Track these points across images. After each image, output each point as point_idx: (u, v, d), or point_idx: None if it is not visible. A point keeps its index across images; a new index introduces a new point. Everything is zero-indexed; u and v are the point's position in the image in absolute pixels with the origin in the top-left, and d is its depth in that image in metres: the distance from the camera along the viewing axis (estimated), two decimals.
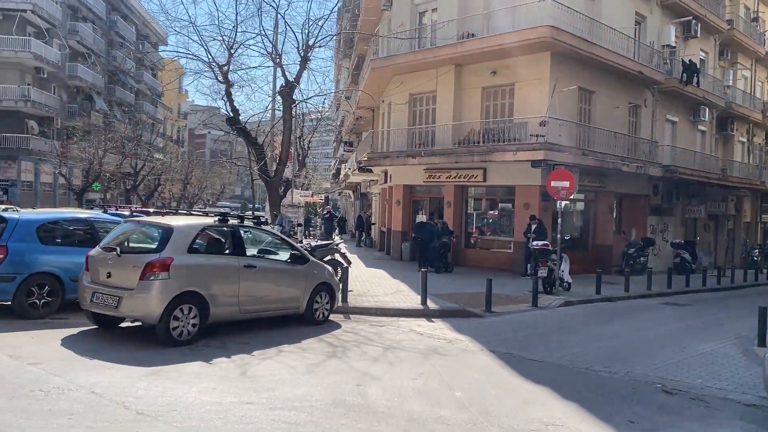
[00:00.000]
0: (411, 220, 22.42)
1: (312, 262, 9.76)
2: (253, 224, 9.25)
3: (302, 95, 17.85)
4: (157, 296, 7.62)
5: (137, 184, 43.86)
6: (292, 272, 9.39)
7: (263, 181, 16.69)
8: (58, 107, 45.23)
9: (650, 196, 24.09)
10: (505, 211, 20.76)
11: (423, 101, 21.67)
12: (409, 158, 20.27)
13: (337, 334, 9.22)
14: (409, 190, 22.45)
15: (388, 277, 16.16)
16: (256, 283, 8.76)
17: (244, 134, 16.53)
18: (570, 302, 13.74)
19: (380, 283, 14.76)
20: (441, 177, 20.62)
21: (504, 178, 19.32)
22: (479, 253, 20.59)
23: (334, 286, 10.12)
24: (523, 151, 17.54)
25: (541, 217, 18.35)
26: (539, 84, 18.73)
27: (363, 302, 11.69)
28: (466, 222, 21.22)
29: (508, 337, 9.75)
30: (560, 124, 18.19)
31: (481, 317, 11.48)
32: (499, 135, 18.91)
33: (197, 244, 8.35)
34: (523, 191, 18.84)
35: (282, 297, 9.22)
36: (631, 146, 21.76)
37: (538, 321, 11.50)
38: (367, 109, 29.61)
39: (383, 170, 24.40)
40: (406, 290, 13.75)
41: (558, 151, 17.61)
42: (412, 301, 12.14)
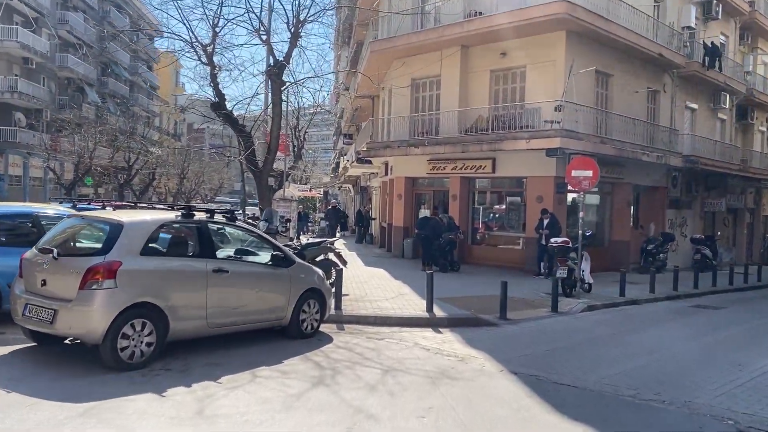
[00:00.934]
0: (414, 215, 20.90)
1: (298, 265, 8.26)
2: (226, 220, 7.72)
3: (294, 77, 16.25)
4: (101, 309, 6.12)
5: (130, 178, 42.45)
6: (273, 277, 7.89)
7: (251, 173, 15.18)
8: (48, 99, 43.72)
9: (669, 188, 22.53)
10: (514, 204, 19.24)
11: (426, 86, 20.11)
12: (412, 148, 18.74)
13: (328, 350, 7.72)
14: (411, 182, 20.92)
15: (389, 278, 14.65)
16: (229, 290, 7.26)
17: (230, 121, 14.99)
18: (593, 306, 12.23)
19: (380, 285, 13.25)
20: (446, 168, 19.08)
21: (515, 169, 17.77)
22: (487, 251, 19.07)
23: (325, 292, 8.62)
24: (537, 138, 15.99)
25: (555, 211, 16.83)
26: (553, 66, 17.17)
27: (360, 309, 10.18)
28: (473, 217, 19.69)
29: (530, 352, 8.24)
30: (577, 110, 16.64)
31: (495, 326, 9.98)
32: (509, 122, 17.36)
33: (154, 245, 6.84)
34: (536, 183, 17.30)
35: (261, 307, 7.72)
36: (649, 134, 20.19)
37: (562, 330, 9.99)
38: (366, 98, 28.04)
39: (383, 162, 22.87)
40: (408, 293, 12.24)
41: (575, 139, 16.08)
42: (416, 307, 10.63)
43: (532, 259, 17.16)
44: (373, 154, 20.16)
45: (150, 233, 6.69)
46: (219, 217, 7.64)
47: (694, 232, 24.58)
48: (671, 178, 22.54)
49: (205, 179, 57.07)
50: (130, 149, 41.33)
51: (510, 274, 16.76)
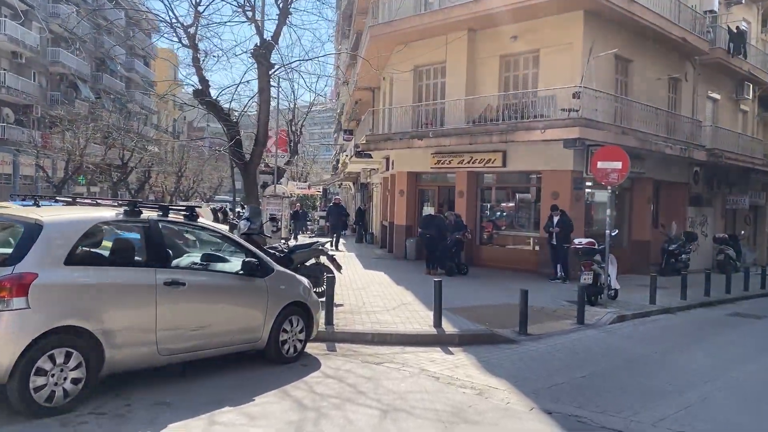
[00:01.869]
0: (417, 213, 19.39)
1: (278, 274, 6.74)
2: (184, 218, 6.20)
3: (284, 60, 14.72)
4: (6, 338, 4.63)
5: (123, 176, 41.08)
6: (245, 289, 6.38)
7: (237, 166, 13.71)
8: (38, 94, 42.31)
9: (690, 183, 20.98)
10: (524, 202, 17.72)
11: (430, 74, 18.59)
12: (415, 140, 17.21)
13: (313, 380, 6.21)
14: (414, 178, 19.40)
15: (390, 283, 13.14)
16: (187, 307, 5.77)
17: (214, 109, 13.49)
18: (623, 317, 10.71)
19: (379, 292, 11.73)
20: (452, 162, 17.55)
21: (528, 163, 16.24)
22: (497, 252, 17.54)
23: (312, 306, 7.11)
24: (554, 128, 14.46)
25: (573, 208, 15.33)
26: (569, 49, 15.64)
27: (355, 323, 8.66)
28: (481, 215, 18.16)
29: (562, 380, 6.72)
30: (597, 97, 15.12)
31: (515, 343, 8.46)
32: (521, 111, 15.82)
33: (84, 251, 5.35)
34: (551, 177, 15.77)
35: (230, 327, 6.21)
36: (671, 126, 18.64)
37: (594, 348, 8.46)
38: (366, 90, 26.50)
39: (384, 156, 21.35)
40: (412, 302, 10.71)
41: (595, 129, 14.56)
42: (422, 320, 9.11)
43: (545, 261, 15.66)
44: (373, 147, 18.64)
45: (79, 236, 5.18)
46: (174, 216, 6.11)
47: (716, 231, 23.04)
48: (693, 173, 21.00)
49: (203, 177, 55.71)
50: (124, 146, 40.03)
51: (523, 278, 15.31)
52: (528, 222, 17.59)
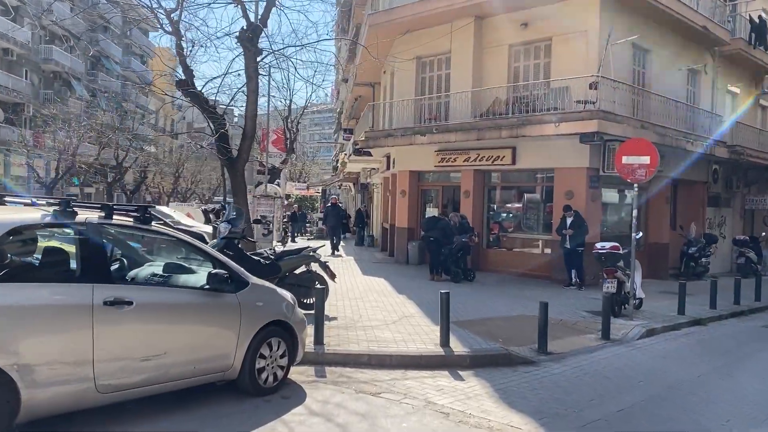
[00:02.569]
0: (419, 215, 18.24)
1: (254, 288, 5.59)
2: (134, 221, 5.02)
3: (273, 47, 13.58)
4: None
5: (117, 177, 40.05)
6: (213, 308, 5.22)
7: (223, 163, 12.59)
8: (30, 93, 41.30)
9: (709, 182, 19.79)
10: (533, 202, 16.55)
11: (434, 65, 17.43)
12: (417, 136, 16.05)
13: (294, 420, 5.05)
14: (416, 177, 18.24)
15: (391, 292, 11.97)
16: (135, 332, 4.62)
17: (198, 101, 12.35)
18: (653, 330, 9.53)
19: (379, 303, 10.56)
20: (457, 160, 16.39)
21: (539, 160, 15.07)
22: (506, 256, 16.36)
23: (296, 326, 5.95)
24: (569, 121, 13.30)
25: (589, 209, 14.18)
26: (584, 37, 14.48)
27: (350, 341, 7.49)
28: (489, 216, 16.99)
29: (596, 416, 5.55)
30: (615, 87, 13.96)
31: (534, 365, 7.29)
32: (532, 104, 14.66)
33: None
34: (566, 175, 14.59)
35: (193, 355, 5.04)
36: (690, 120, 17.46)
37: (627, 372, 7.28)
38: (366, 86, 25.32)
39: (385, 155, 20.20)
40: (415, 314, 9.55)
41: (613, 122, 13.40)
42: (427, 337, 7.94)
43: (558, 266, 14.49)
44: (373, 144, 17.48)
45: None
46: (120, 219, 4.94)
47: (734, 233, 21.87)
48: (711, 171, 19.81)
49: (202, 178, 54.67)
50: (119, 146, 39.04)
51: (534, 284, 14.16)
52: (537, 224, 16.43)
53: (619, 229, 17.16)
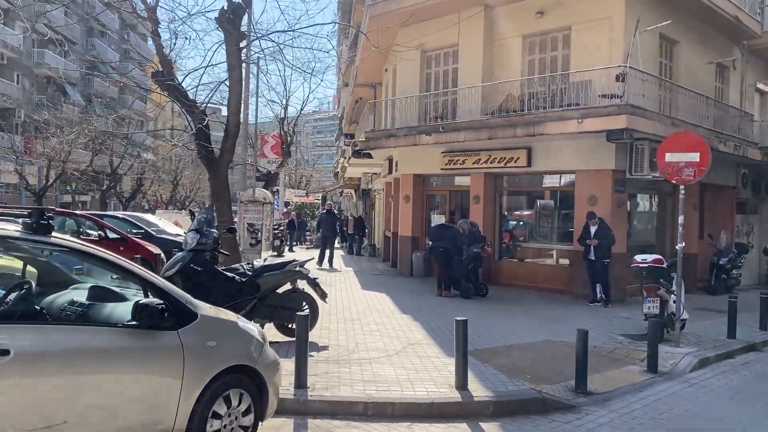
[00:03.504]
0: (425, 222, 16.75)
1: (204, 323, 4.07)
2: (24, 230, 3.53)
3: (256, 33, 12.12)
4: None
5: (112, 184, 38.80)
6: (139, 353, 3.71)
7: (202, 162, 11.16)
8: (21, 98, 40.04)
9: (738, 187, 18.26)
10: (546, 209, 15.07)
11: (440, 60, 15.99)
12: (422, 136, 14.57)
13: None
14: (421, 181, 16.76)
15: (393, 310, 10.45)
16: (13, 394, 3.13)
17: (175, 94, 10.93)
18: (706, 360, 7.99)
19: (379, 325, 9.04)
20: (466, 162, 14.91)
21: (558, 161, 13.58)
22: (520, 268, 14.82)
23: (265, 371, 4.42)
24: (594, 117, 11.80)
25: (614, 215, 12.68)
26: (608, 25, 13.03)
27: (341, 383, 5.96)
28: (501, 224, 15.49)
29: None
30: (644, 80, 12.48)
31: (574, 411, 5.78)
32: (550, 99, 13.17)
33: None
34: (588, 179, 13.09)
35: (108, 424, 3.54)
36: (720, 119, 15.97)
37: (692, 420, 5.76)
38: (367, 87, 23.89)
39: (387, 157, 18.75)
40: (423, 341, 8.03)
41: (644, 118, 11.91)
42: (438, 374, 6.41)
43: (580, 280, 12.97)
44: (374, 145, 16.00)
45: None
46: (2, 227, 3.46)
47: (762, 242, 20.31)
48: (741, 175, 18.28)
49: (201, 186, 53.40)
50: (113, 152, 37.81)
51: (554, 300, 12.65)
52: (551, 232, 14.94)
53: (643, 238, 15.68)
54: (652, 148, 12.64)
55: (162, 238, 15.27)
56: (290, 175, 45.98)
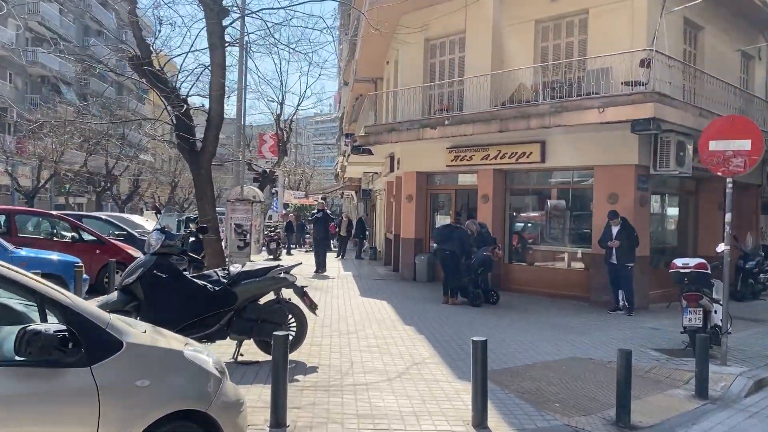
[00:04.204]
0: (429, 223, 15.64)
1: (128, 354, 2.94)
2: None
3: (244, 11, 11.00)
4: None
5: (107, 186, 37.80)
6: (28, 403, 2.60)
7: (183, 156, 10.09)
8: (13, 96, 38.98)
9: (764, 186, 17.10)
10: (558, 209, 13.95)
11: (445, 48, 14.89)
12: (426, 130, 13.46)
13: None
14: (425, 179, 15.64)
15: (395, 321, 9.31)
16: None
17: (152, 80, 9.84)
18: (762, 381, 6.84)
19: (379, 339, 7.90)
20: (474, 158, 13.81)
21: (575, 156, 12.45)
22: (532, 272, 13.69)
23: (221, 416, 3.29)
24: (617, 106, 10.68)
25: (636, 215, 11.58)
26: (628, 7, 11.94)
27: (330, 418, 4.80)
28: (511, 225, 14.37)
29: None
30: (670, 66, 11.37)
31: None
32: (567, 89, 12.05)
33: None
34: (608, 175, 11.96)
35: None
36: (743, 110, 14.81)
37: None
38: (367, 82, 22.80)
39: (388, 155, 17.63)
40: (429, 360, 6.88)
41: (671, 107, 10.79)
42: (450, 404, 5.26)
43: (601, 286, 11.85)
44: (374, 140, 14.89)
45: None
46: None
47: None
48: (765, 172, 17.12)
49: None
50: (108, 153, 36.85)
51: (571, 308, 11.51)
52: (563, 233, 13.82)
53: (663, 240, 14.58)
54: (678, 141, 11.55)
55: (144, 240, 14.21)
56: (290, 177, 44.91)
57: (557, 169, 13.11)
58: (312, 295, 6.81)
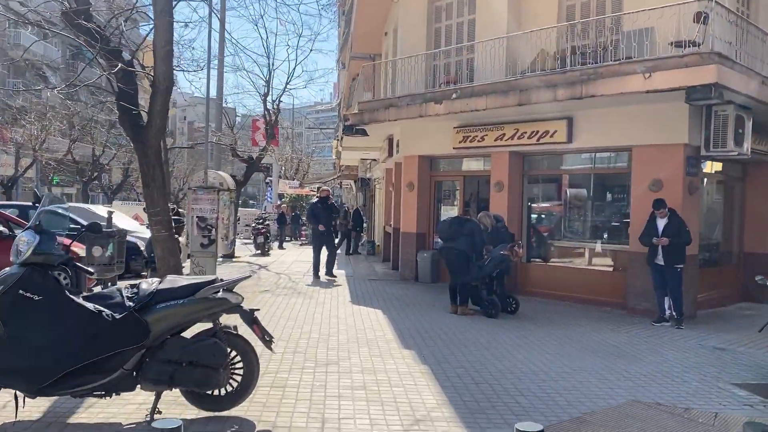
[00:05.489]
0: (433, 215, 13.62)
1: None
2: None
3: None
4: None
5: (94, 175, 35.94)
6: None
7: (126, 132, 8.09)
8: None
9: None
10: (579, 199, 11.94)
11: (453, 10, 12.77)
12: (431, 104, 11.38)
13: None
14: (428, 164, 13.59)
15: (391, 343, 7.26)
16: None
17: (90, 36, 7.78)
18: None
19: (368, 373, 5.87)
20: (486, 138, 11.75)
21: (608, 134, 10.37)
22: (553, 273, 11.63)
23: None
24: (667, 70, 8.60)
25: (684, 205, 9.55)
26: None
27: None
28: (530, 218, 12.33)
29: None
30: (731, 22, 9.27)
31: None
32: (600, 54, 9.96)
33: None
34: (650, 157, 9.89)
35: None
36: None
37: None
38: (364, 59, 20.67)
39: (387, 137, 15.58)
40: (437, 414, 4.80)
41: (734, 71, 8.70)
42: None
43: (641, 291, 9.84)
44: (369, 118, 12.81)
45: None
46: None
47: None
48: None
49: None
50: (94, 140, 34.96)
51: (603, 317, 9.49)
52: (584, 227, 11.81)
53: (706, 235, 12.52)
54: (737, 116, 9.48)
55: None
56: (285, 166, 42.85)
57: (586, 150, 11.02)
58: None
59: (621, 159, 10.76)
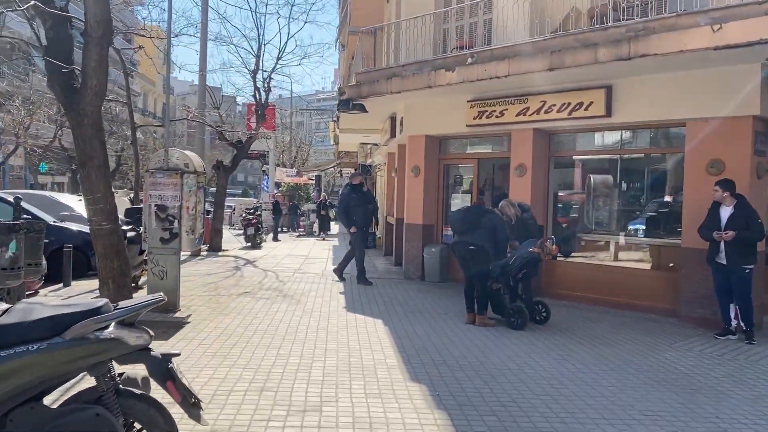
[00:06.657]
0: (442, 204, 11.88)
1: None
2: None
3: None
4: None
5: None
6: None
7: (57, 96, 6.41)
8: None
9: None
10: (606, 185, 10.20)
11: None
12: (441, 72, 9.60)
13: None
14: (437, 146, 11.83)
15: (393, 371, 5.55)
16: None
17: None
18: None
19: (358, 420, 4.21)
20: (506, 113, 9.98)
21: (656, 107, 8.58)
22: (583, 271, 9.88)
23: None
24: (743, 19, 6.80)
25: (753, 190, 7.78)
26: None
27: None
28: (555, 207, 10.59)
29: None
30: None
31: None
32: (647, 10, 8.16)
33: None
34: (707, 133, 8.12)
35: None
36: None
37: None
38: (367, 34, 18.82)
39: (389, 116, 13.81)
40: None
41: None
42: None
43: (694, 295, 8.12)
44: (368, 91, 11.03)
45: None
46: None
47: None
48: None
49: None
50: None
51: (652, 327, 7.75)
52: (618, 219, 10.08)
53: None
54: None
55: (62, 228, 10.61)
56: (283, 154, 41.09)
57: (628, 125, 9.23)
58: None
59: (671, 136, 9.00)
